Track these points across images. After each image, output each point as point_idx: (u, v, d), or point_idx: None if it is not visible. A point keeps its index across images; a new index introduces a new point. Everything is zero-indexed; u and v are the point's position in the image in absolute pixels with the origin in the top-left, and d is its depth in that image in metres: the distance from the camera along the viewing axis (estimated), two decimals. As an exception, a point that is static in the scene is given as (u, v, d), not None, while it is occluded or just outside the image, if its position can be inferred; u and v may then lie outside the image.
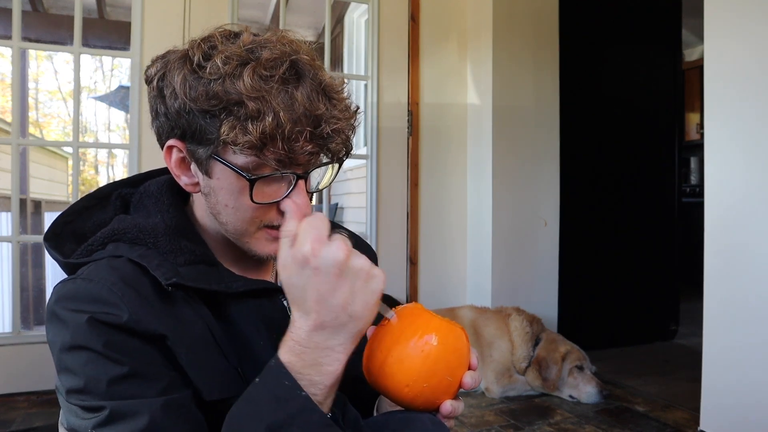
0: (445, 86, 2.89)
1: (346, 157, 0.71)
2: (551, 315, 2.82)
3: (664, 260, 3.25)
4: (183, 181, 0.70)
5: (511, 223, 2.76)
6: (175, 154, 0.68)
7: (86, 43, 2.33)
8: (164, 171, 0.77)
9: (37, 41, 4.07)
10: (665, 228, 3.25)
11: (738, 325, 1.72)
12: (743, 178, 1.73)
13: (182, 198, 0.75)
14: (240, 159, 0.63)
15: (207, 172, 0.66)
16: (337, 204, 4.51)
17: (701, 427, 1.83)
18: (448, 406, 0.64)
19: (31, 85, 7.58)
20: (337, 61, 4.69)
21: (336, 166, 0.72)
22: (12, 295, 2.26)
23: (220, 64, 0.61)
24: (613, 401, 2.23)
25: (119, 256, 0.66)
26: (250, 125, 0.59)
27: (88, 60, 8.11)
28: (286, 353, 0.58)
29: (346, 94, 0.68)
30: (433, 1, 2.86)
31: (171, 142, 0.67)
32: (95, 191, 0.77)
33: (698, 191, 5.03)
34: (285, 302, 0.73)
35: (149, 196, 0.74)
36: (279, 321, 0.70)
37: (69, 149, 2.91)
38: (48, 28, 4.51)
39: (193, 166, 0.68)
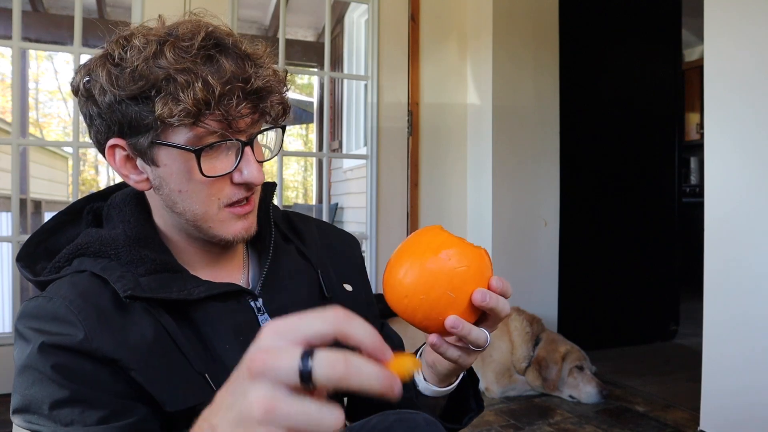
0: (445, 86, 2.89)
1: (285, 118, 0.71)
2: (551, 315, 2.82)
3: (664, 260, 3.25)
4: (132, 179, 0.69)
5: (511, 223, 2.76)
6: (118, 154, 0.68)
7: (86, 43, 2.33)
8: None
9: (37, 41, 4.07)
10: (665, 228, 3.26)
11: (738, 324, 1.72)
12: (743, 178, 1.73)
13: (147, 208, 0.75)
14: (181, 137, 0.63)
15: (153, 161, 0.66)
16: (337, 204, 4.51)
17: (701, 427, 1.84)
18: (450, 319, 0.61)
19: (31, 85, 7.58)
20: (337, 61, 4.69)
21: (279, 132, 0.73)
22: (12, 295, 2.26)
23: (140, 46, 0.62)
24: (613, 401, 2.23)
25: (83, 271, 0.66)
26: (181, 95, 0.60)
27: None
28: None
29: (271, 61, 0.69)
30: (433, 1, 2.86)
31: (111, 141, 0.66)
32: (68, 207, 0.77)
33: (698, 191, 5.03)
34: (252, 303, 0.72)
35: (114, 208, 0.73)
36: (245, 323, 0.70)
37: (69, 149, 2.91)
38: (48, 28, 4.52)
39: (139, 161, 0.67)
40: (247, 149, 0.66)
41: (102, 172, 9.93)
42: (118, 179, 0.75)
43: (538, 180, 2.83)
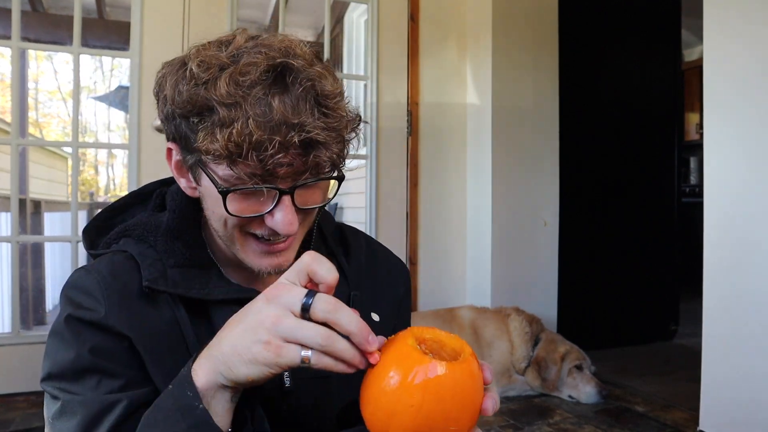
0: (445, 86, 2.89)
1: (336, 172, 0.66)
2: (551, 315, 2.82)
3: (664, 260, 3.25)
4: (182, 184, 0.70)
5: (511, 223, 2.76)
6: (173, 157, 0.68)
7: (86, 43, 2.33)
8: None
9: (37, 41, 4.07)
10: (665, 228, 3.26)
11: (737, 325, 1.72)
12: (742, 177, 1.73)
13: (198, 202, 0.75)
14: (220, 170, 0.61)
15: (195, 179, 0.66)
16: (336, 204, 4.51)
17: (700, 427, 1.84)
18: None
19: (30, 85, 7.58)
20: (336, 61, 4.69)
21: (334, 183, 0.68)
22: (11, 296, 2.26)
23: (197, 71, 0.59)
24: (613, 401, 2.22)
25: (126, 251, 0.69)
26: (218, 133, 0.57)
27: (87, 60, 8.12)
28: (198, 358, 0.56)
29: (343, 103, 0.64)
30: (432, 1, 2.86)
31: (169, 144, 0.67)
32: (139, 189, 0.80)
33: (698, 191, 5.03)
34: None
35: (170, 195, 0.75)
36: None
37: (69, 149, 2.91)
38: (47, 28, 4.51)
39: (189, 172, 0.68)
40: (284, 198, 0.62)
41: (102, 173, 9.93)
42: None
43: (538, 180, 2.83)
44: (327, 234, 0.81)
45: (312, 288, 0.54)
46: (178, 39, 2.34)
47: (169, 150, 0.68)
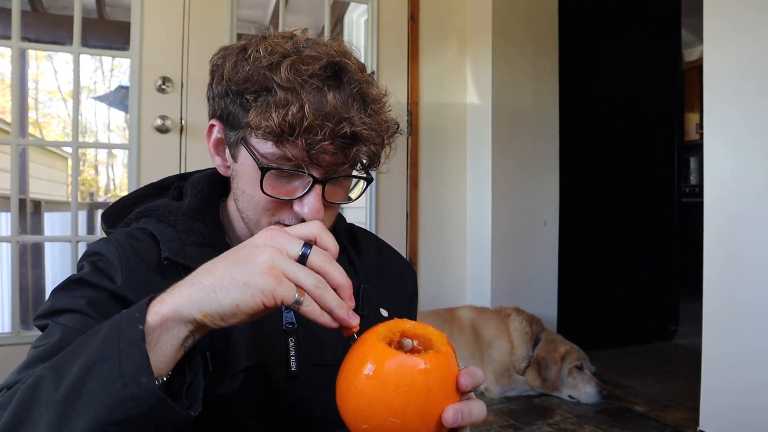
0: (445, 86, 2.89)
1: (371, 170, 0.72)
2: (551, 315, 2.82)
3: (664, 260, 3.25)
4: (217, 161, 0.76)
5: (511, 223, 2.76)
6: (214, 134, 0.74)
7: (86, 43, 2.32)
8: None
9: (37, 41, 4.06)
10: (665, 228, 3.26)
11: (737, 325, 1.72)
12: (743, 178, 1.73)
13: (221, 188, 0.81)
14: (263, 147, 0.65)
15: (234, 156, 0.71)
16: (336, 204, 4.50)
17: (701, 427, 1.83)
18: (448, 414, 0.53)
19: (30, 85, 7.57)
20: (336, 61, 4.68)
21: (362, 183, 0.73)
22: (11, 296, 2.26)
23: (263, 53, 0.64)
24: (613, 401, 2.22)
25: (145, 229, 0.74)
26: (274, 111, 0.62)
27: (87, 60, 8.10)
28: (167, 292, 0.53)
29: (386, 109, 0.70)
30: (432, 1, 2.85)
31: (212, 121, 0.73)
32: (157, 182, 0.85)
33: (698, 191, 5.03)
34: None
35: (190, 183, 0.81)
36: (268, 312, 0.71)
37: (69, 149, 2.91)
38: (47, 28, 4.51)
39: (227, 150, 0.73)
40: (316, 187, 0.66)
41: (102, 173, 9.92)
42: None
43: (538, 179, 2.83)
44: (339, 231, 0.85)
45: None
46: (178, 39, 2.34)
47: (211, 127, 0.74)
